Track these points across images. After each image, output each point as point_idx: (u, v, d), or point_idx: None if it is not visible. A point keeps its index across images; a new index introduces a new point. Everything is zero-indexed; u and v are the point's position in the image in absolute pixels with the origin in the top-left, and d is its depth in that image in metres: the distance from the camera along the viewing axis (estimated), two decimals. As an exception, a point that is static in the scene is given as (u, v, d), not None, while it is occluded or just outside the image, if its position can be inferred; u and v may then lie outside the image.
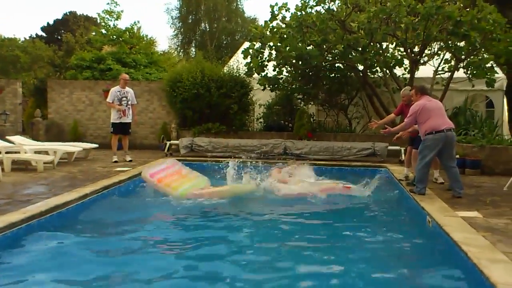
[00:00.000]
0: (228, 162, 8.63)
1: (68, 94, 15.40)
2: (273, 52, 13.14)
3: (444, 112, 7.65)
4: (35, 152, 10.74)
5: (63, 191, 7.33)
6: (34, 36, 47.07)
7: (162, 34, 68.21)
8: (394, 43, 13.37)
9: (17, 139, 11.60)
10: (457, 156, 9.97)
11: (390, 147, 11.95)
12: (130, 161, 11.58)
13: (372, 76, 14.15)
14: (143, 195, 8.40)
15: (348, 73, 13.95)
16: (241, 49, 15.57)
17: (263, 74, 13.54)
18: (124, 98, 11.57)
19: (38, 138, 14.23)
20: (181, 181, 8.09)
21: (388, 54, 13.23)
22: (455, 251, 4.80)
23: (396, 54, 13.51)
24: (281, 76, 13.69)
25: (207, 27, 42.30)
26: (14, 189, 7.63)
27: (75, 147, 11.53)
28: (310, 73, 13.62)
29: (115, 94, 11.45)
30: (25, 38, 47.32)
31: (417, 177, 7.54)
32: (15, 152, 10.50)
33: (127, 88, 11.72)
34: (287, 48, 12.57)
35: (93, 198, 7.35)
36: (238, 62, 14.59)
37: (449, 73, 13.07)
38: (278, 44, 12.74)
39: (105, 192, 7.80)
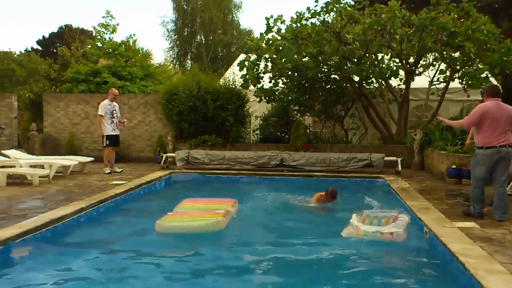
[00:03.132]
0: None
1: (64, 107, 15.38)
2: (269, 64, 13.18)
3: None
4: (31, 166, 10.71)
5: (59, 205, 7.29)
6: (30, 49, 47.09)
7: (158, 47, 68.47)
8: (389, 54, 13.44)
9: (13, 153, 11.56)
10: (454, 166, 10.02)
11: (386, 158, 11.95)
12: (121, 171, 11.86)
13: (368, 87, 14.21)
14: (139, 208, 8.37)
15: (344, 84, 13.99)
16: (237, 61, 15.63)
17: (259, 86, 13.57)
18: (115, 111, 11.89)
19: (33, 152, 14.18)
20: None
21: (383, 65, 13.29)
22: (452, 262, 4.78)
23: (391, 65, 13.58)
24: (277, 87, 13.72)
25: (203, 39, 42.46)
26: (9, 203, 7.58)
27: (71, 160, 11.49)
28: (306, 85, 13.66)
29: (107, 108, 11.70)
30: (20, 52, 47.31)
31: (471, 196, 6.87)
32: (11, 166, 10.47)
33: (114, 102, 12.04)
34: (283, 60, 12.62)
35: (89, 212, 7.31)
36: (234, 74, 14.63)
37: (445, 84, 13.14)
38: (274, 56, 12.79)
39: (101, 206, 7.76)
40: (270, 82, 13.53)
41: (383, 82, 13.76)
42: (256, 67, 13.32)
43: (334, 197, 8.27)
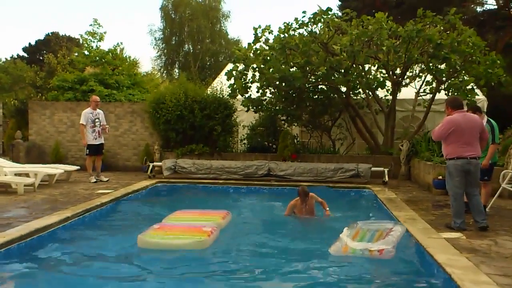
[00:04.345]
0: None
1: (50, 115, 15.25)
2: (257, 73, 13.21)
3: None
4: (16, 175, 10.59)
5: (44, 214, 7.22)
6: (16, 56, 46.80)
7: (146, 55, 68.31)
8: (376, 65, 13.53)
9: (-3, 161, 11.42)
10: (440, 177, 10.07)
11: (373, 168, 12.00)
12: (107, 180, 11.79)
13: (355, 97, 14.28)
14: (124, 218, 8.31)
15: (331, 95, 14.06)
16: (225, 70, 15.64)
17: (246, 95, 13.57)
18: (97, 120, 11.82)
19: (18, 160, 14.01)
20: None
21: (370, 76, 13.37)
22: (438, 273, 4.80)
23: (378, 76, 13.66)
24: (265, 97, 13.74)
25: (191, 48, 42.48)
26: (-7, 212, 7.48)
27: (56, 169, 11.38)
28: (294, 95, 13.70)
29: (88, 116, 11.69)
30: (6, 59, 47.00)
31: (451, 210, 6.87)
32: (-5, 175, 10.33)
33: (98, 110, 11.99)
34: (271, 70, 12.66)
35: (74, 221, 7.23)
36: (221, 84, 14.62)
37: (431, 95, 13.25)
38: (262, 66, 12.82)
39: (86, 215, 7.69)
40: (257, 91, 13.55)
41: (370, 93, 13.85)
42: (244, 76, 13.34)
43: (306, 195, 8.06)
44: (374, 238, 6.02)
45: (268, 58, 12.70)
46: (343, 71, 12.81)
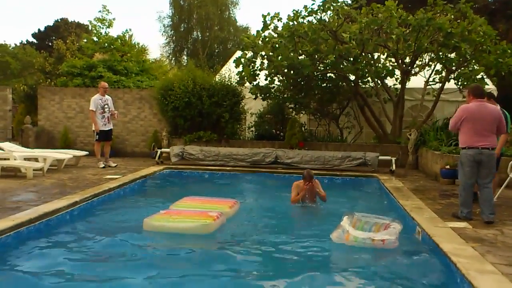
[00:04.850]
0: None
1: (59, 101, 15.33)
2: (265, 61, 13.17)
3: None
4: (25, 159, 10.67)
5: (53, 198, 7.29)
6: (25, 42, 46.92)
7: (154, 42, 68.02)
8: (386, 54, 13.45)
9: (7, 145, 11.52)
10: (448, 166, 10.05)
11: (381, 157, 11.98)
12: (116, 166, 11.84)
13: (364, 86, 14.23)
14: (132, 203, 8.37)
15: (340, 83, 14.00)
16: (233, 58, 15.63)
17: (254, 83, 13.55)
18: (106, 106, 11.85)
19: (28, 145, 14.12)
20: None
21: (379, 65, 13.30)
22: (444, 262, 4.82)
23: (387, 64, 13.59)
24: (273, 85, 13.71)
25: (199, 35, 42.34)
26: (3, 196, 7.56)
27: (65, 154, 11.46)
28: (302, 83, 13.66)
29: (97, 102, 11.70)
30: (15, 45, 47.21)
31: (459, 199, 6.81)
32: (5, 159, 10.43)
33: (107, 96, 12.03)
34: (279, 57, 12.61)
35: (83, 206, 7.30)
36: (230, 71, 14.61)
37: (440, 84, 13.18)
38: (270, 53, 12.78)
39: (95, 200, 7.76)
40: (266, 79, 13.52)
41: (379, 82, 13.79)
42: (252, 64, 13.30)
43: (312, 178, 8.06)
44: (373, 230, 5.98)
45: (277, 45, 12.65)
46: (352, 59, 12.75)
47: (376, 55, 13.53)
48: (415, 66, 13.43)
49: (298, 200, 8.08)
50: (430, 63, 13.40)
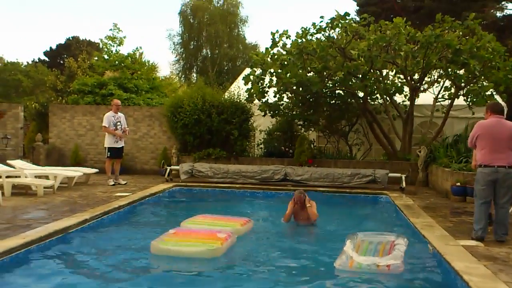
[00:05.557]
0: None
1: (70, 118, 15.46)
2: (274, 78, 13.22)
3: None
4: (36, 177, 10.75)
5: (63, 216, 7.32)
6: (37, 60, 47.58)
7: (164, 60, 69.11)
8: (394, 71, 13.47)
9: (18, 163, 11.59)
10: (458, 184, 9.97)
11: (391, 174, 11.93)
12: (126, 183, 11.90)
13: (373, 103, 14.23)
14: (141, 221, 8.38)
15: (349, 100, 14.01)
16: (242, 75, 15.68)
17: (263, 100, 13.59)
18: (119, 123, 11.95)
19: (38, 162, 14.21)
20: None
21: (388, 81, 13.32)
22: (456, 281, 4.76)
23: (396, 81, 13.59)
24: (282, 102, 13.74)
25: (209, 53, 42.65)
26: (14, 213, 7.60)
27: (76, 171, 11.53)
28: (311, 100, 13.68)
29: (110, 119, 11.81)
30: (27, 63, 47.90)
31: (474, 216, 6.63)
32: (16, 177, 10.51)
33: (120, 113, 12.16)
34: (288, 74, 12.66)
35: (93, 223, 7.32)
36: (239, 88, 14.67)
37: (449, 101, 13.14)
38: (279, 70, 12.83)
39: (104, 217, 7.78)
40: (274, 96, 13.56)
41: (388, 98, 13.77)
42: (261, 81, 13.36)
43: (299, 200, 7.88)
44: (378, 251, 5.83)
45: (286, 62, 12.72)
46: (360, 76, 12.77)
47: (384, 71, 13.54)
48: (424, 82, 13.42)
49: (288, 219, 8.03)
50: (439, 79, 13.39)
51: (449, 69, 12.28)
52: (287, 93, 13.59)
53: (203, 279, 5.40)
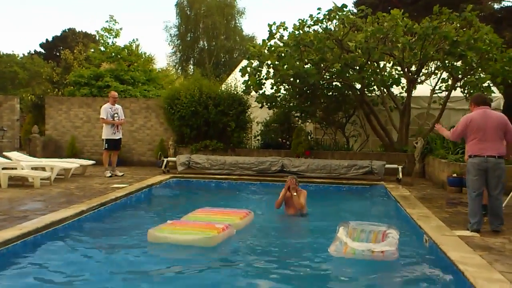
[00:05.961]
0: None
1: (66, 110, 15.42)
2: (271, 70, 13.20)
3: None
4: (32, 168, 10.74)
5: (60, 207, 7.32)
6: (33, 52, 47.35)
7: (161, 52, 68.60)
8: (391, 62, 13.47)
9: (14, 155, 11.58)
10: (455, 175, 10.01)
11: (387, 166, 11.95)
12: (122, 175, 11.91)
13: (370, 94, 14.23)
14: (139, 212, 8.39)
15: (346, 92, 14.00)
16: (239, 67, 15.68)
17: (260, 92, 13.57)
18: (116, 115, 11.93)
19: (35, 154, 14.18)
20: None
21: (385, 73, 13.31)
22: (452, 270, 4.79)
23: (393, 73, 13.60)
24: (279, 94, 13.72)
25: (206, 45, 42.51)
26: (10, 205, 7.60)
27: (72, 163, 11.52)
28: (308, 91, 13.67)
29: (108, 111, 11.79)
30: (23, 54, 47.67)
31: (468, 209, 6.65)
32: (12, 168, 10.48)
33: (117, 105, 12.14)
34: (285, 66, 12.64)
35: (90, 214, 7.32)
36: (236, 80, 14.64)
37: (446, 92, 13.16)
38: (276, 62, 12.81)
39: (101, 208, 7.78)
40: (272, 88, 13.53)
41: (385, 90, 13.78)
42: (258, 73, 13.33)
43: (293, 185, 7.95)
44: (370, 240, 5.79)
45: (283, 54, 12.69)
46: (357, 68, 12.76)
47: (382, 63, 13.53)
48: (421, 74, 13.43)
49: (279, 204, 8.10)
50: (436, 71, 13.39)
51: (446, 61, 12.28)
52: (284, 85, 13.57)
53: (199, 267, 5.39)
